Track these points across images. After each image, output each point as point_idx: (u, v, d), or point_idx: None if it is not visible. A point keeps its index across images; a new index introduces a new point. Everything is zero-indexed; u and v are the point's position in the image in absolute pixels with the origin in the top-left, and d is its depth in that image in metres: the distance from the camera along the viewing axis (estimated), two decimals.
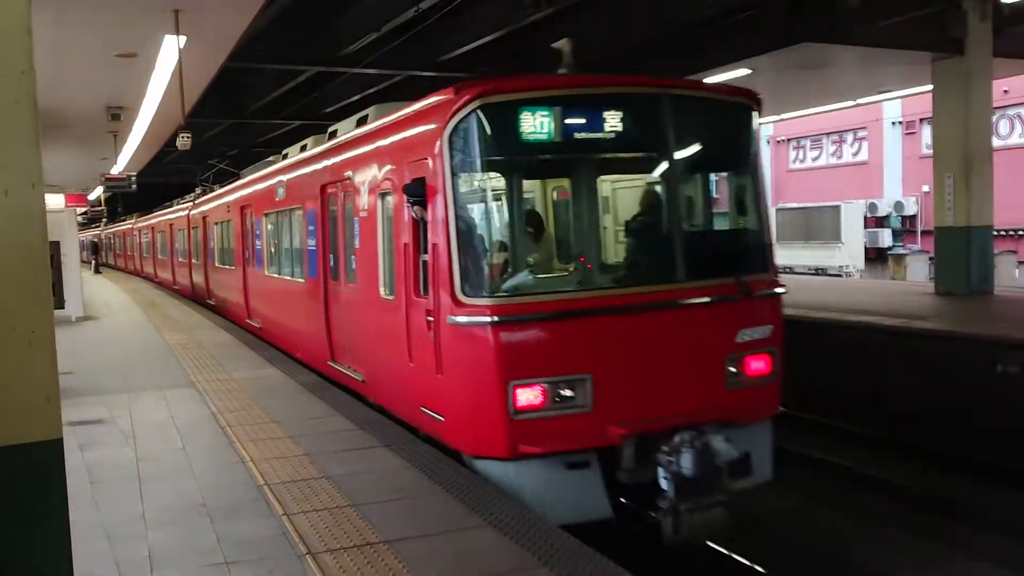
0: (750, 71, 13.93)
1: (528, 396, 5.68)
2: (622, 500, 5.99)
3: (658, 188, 6.70)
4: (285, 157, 12.26)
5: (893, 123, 30.58)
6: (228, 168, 23.72)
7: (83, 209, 24.51)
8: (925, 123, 27.97)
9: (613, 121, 6.15)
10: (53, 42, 9.38)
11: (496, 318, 5.69)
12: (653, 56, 14.29)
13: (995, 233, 14.98)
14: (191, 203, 22.10)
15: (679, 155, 6.41)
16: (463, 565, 4.13)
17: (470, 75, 17.49)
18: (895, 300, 13.65)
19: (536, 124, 5.93)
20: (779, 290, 6.72)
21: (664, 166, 6.50)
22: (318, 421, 7.32)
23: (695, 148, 6.60)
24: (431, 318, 6.17)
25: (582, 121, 6.12)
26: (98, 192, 29.31)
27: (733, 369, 6.27)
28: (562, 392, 5.72)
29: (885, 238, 29.23)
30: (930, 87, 14.56)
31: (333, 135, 9.73)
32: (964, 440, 9.41)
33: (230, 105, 21.64)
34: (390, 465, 5.92)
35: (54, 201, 15.58)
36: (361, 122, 8.78)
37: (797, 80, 15.59)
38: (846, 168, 32.88)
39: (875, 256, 28.88)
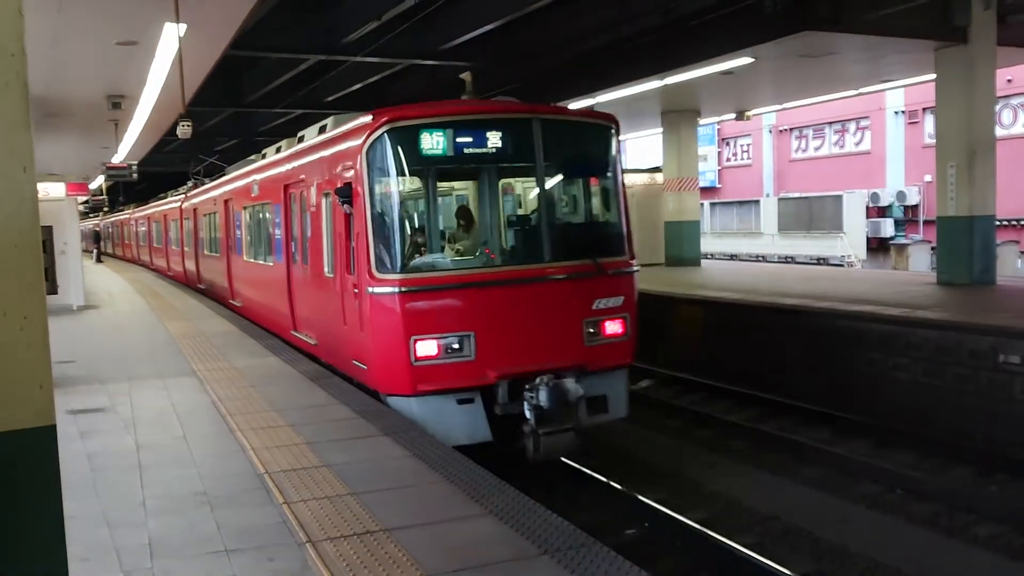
0: (752, 59, 13.86)
1: (426, 348, 7.43)
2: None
3: (531, 189, 8.49)
4: (264, 157, 13.59)
5: (896, 112, 30.51)
6: (217, 163, 25.04)
7: (84, 198, 24.50)
8: (928, 112, 27.89)
9: (494, 139, 7.88)
10: (54, 30, 9.34)
11: (401, 289, 7.42)
12: (656, 45, 14.23)
13: (997, 223, 14.93)
14: (183, 195, 23.16)
15: (547, 164, 8.11)
16: (464, 554, 4.13)
17: (471, 64, 17.45)
18: (897, 290, 13.63)
19: (433, 142, 7.68)
20: (630, 269, 8.44)
21: (535, 173, 8.15)
22: (318, 410, 7.32)
23: (561, 159, 8.36)
24: (356, 290, 7.93)
25: (469, 139, 7.84)
26: (99, 181, 29.29)
27: (591, 330, 8.01)
28: (452, 345, 7.48)
29: (887, 228, 29.19)
30: (933, 76, 14.49)
31: (301, 139, 11.00)
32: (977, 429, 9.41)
33: (231, 94, 21.61)
34: (390, 454, 5.92)
35: (55, 190, 15.55)
36: (322, 130, 9.97)
37: (799, 69, 15.51)
38: (848, 157, 32.83)
39: (877, 246, 28.86)
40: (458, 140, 7.77)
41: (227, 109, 23.38)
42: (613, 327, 8.17)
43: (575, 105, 18.12)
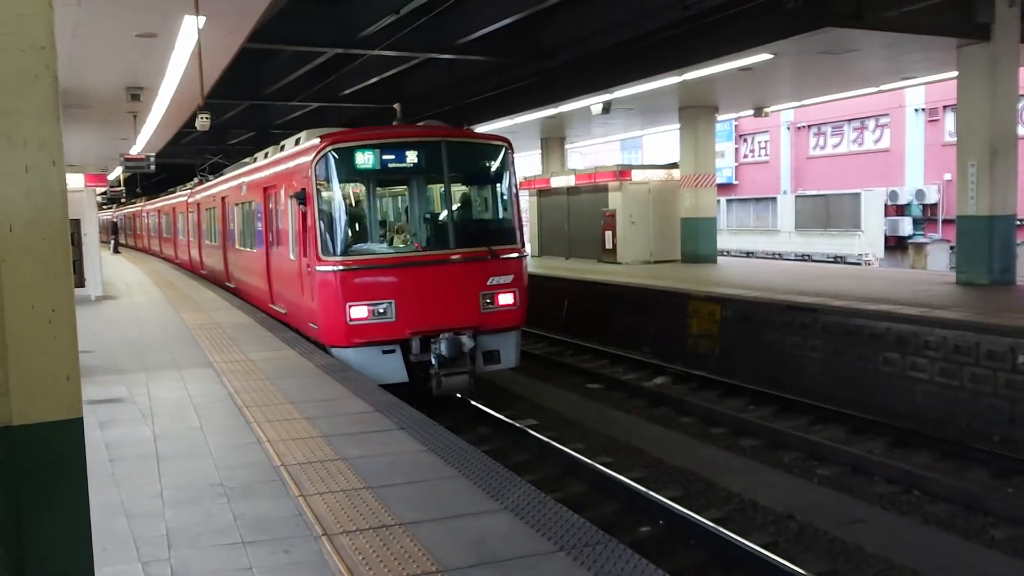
0: (772, 55, 13.77)
1: (358, 312, 9.83)
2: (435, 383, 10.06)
3: (442, 195, 10.65)
4: (255, 161, 15.63)
5: (916, 110, 30.23)
6: (221, 161, 27.41)
7: (102, 189, 24.67)
8: (948, 110, 27.64)
9: (412, 156, 10.36)
10: (74, 22, 9.39)
11: (340, 268, 9.87)
12: (675, 40, 14.16)
13: (1018, 222, 14.79)
14: (189, 191, 25.14)
15: (453, 175, 10.50)
16: (479, 549, 4.13)
17: (487, 58, 17.44)
18: (915, 290, 13.53)
19: (364, 159, 10.14)
20: (517, 255, 10.70)
21: (444, 182, 10.47)
22: (334, 403, 7.34)
23: (464, 171, 10.85)
24: (309, 269, 10.36)
25: (392, 156, 10.26)
26: (117, 172, 29.46)
27: (487, 300, 10.30)
28: (378, 310, 9.86)
29: (905, 226, 28.97)
30: (955, 73, 14.35)
31: (282, 148, 13.07)
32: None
33: (248, 86, 21.69)
34: (406, 448, 5.93)
35: (74, 181, 15.66)
36: (297, 142, 12.03)
37: (819, 65, 15.40)
38: (867, 155, 32.57)
39: (895, 245, 28.64)
40: (384, 157, 10.19)
41: (244, 102, 23.46)
42: (505, 298, 10.45)
43: (590, 102, 18.12)
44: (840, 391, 11.39)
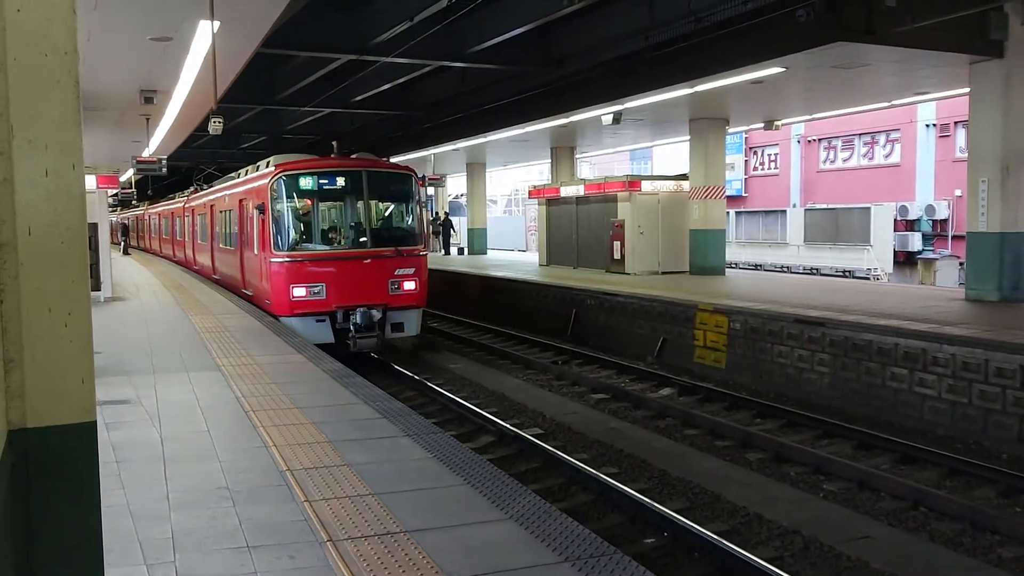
0: (784, 69, 13.78)
1: (299, 291, 13.57)
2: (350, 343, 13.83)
3: (362, 209, 14.32)
4: (238, 176, 18.97)
5: (927, 125, 30.18)
6: (215, 172, 31.35)
7: (114, 190, 24.77)
8: (960, 126, 27.59)
9: (341, 181, 14.16)
10: (90, 25, 9.44)
11: (286, 260, 13.70)
12: (687, 52, 14.18)
13: None
14: (186, 198, 28.72)
15: (371, 194, 14.30)
16: (484, 558, 4.12)
17: (500, 67, 17.50)
18: (924, 305, 13.48)
19: (306, 182, 13.98)
20: (420, 253, 14.55)
21: (364, 200, 14.22)
22: (340, 409, 7.35)
23: (380, 192, 14.64)
24: (266, 261, 14.05)
25: (326, 181, 14.10)
26: (129, 174, 29.61)
27: (395, 285, 14.08)
28: (313, 290, 13.60)
29: (915, 242, 28.88)
30: (967, 90, 14.32)
31: (258, 168, 16.52)
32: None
33: (261, 91, 21.78)
34: (412, 455, 5.93)
35: (86, 183, 15.73)
36: (268, 164, 15.44)
37: (831, 79, 15.39)
38: (877, 170, 32.53)
39: (904, 260, 28.55)
40: (320, 181, 14.03)
41: (257, 106, 23.57)
42: (408, 284, 14.23)
43: (600, 112, 18.16)
44: (847, 406, 11.35)
